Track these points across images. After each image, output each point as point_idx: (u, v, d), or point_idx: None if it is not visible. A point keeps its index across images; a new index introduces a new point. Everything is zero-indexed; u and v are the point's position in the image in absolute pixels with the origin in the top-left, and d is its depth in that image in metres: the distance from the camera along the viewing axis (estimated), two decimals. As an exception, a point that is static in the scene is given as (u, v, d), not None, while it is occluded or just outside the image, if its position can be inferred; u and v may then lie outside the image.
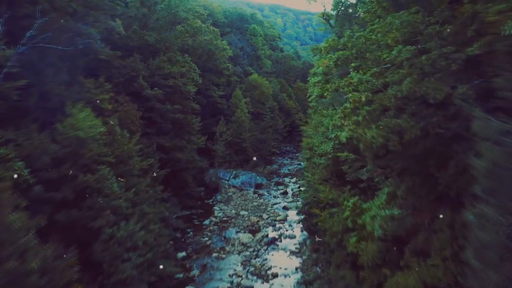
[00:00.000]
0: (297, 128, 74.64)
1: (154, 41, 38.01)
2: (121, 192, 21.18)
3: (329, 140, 28.47)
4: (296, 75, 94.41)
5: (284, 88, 79.07)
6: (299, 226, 35.04)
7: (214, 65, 54.23)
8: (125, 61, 34.16)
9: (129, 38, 36.72)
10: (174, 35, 40.72)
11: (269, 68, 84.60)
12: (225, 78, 56.96)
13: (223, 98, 55.94)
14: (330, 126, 24.40)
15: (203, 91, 52.11)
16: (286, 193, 46.22)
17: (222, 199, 42.14)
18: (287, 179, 53.22)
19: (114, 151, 22.46)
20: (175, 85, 37.16)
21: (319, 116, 37.66)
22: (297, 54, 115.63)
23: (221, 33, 76.09)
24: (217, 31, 55.77)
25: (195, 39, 51.45)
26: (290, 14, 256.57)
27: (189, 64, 41.44)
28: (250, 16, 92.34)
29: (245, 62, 71.83)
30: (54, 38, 26.22)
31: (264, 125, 59.94)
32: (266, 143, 57.59)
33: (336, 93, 22.16)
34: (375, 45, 15.03)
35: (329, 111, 33.13)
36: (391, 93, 11.82)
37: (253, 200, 42.26)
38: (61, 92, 24.60)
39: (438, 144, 13.82)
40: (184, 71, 39.21)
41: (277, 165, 61.11)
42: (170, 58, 39.82)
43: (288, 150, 72.69)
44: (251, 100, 60.64)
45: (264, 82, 65.58)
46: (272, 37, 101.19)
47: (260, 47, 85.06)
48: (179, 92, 38.02)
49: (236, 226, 35.46)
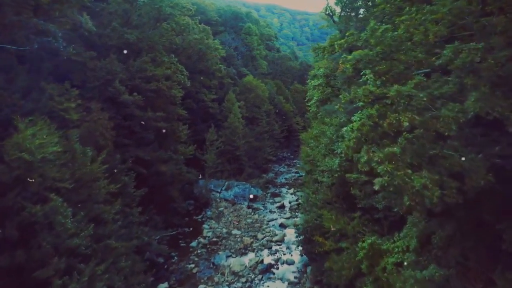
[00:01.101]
0: (294, 133, 70.74)
1: (135, 39, 33.75)
2: (79, 227, 17.01)
3: (334, 155, 24.43)
4: (293, 77, 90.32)
5: (280, 91, 74.96)
6: (298, 249, 30.99)
7: (205, 66, 50.04)
8: (101, 63, 30.02)
9: (108, 36, 32.57)
10: (158, 33, 36.49)
11: (265, 69, 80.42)
12: (217, 80, 52.80)
13: (215, 101, 51.77)
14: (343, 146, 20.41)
15: (193, 95, 47.99)
16: (283, 206, 42.16)
17: (212, 215, 37.96)
18: (284, 190, 49.14)
19: (74, 173, 18.29)
20: (158, 89, 32.96)
21: (321, 124, 33.60)
22: (294, 54, 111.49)
23: (214, 32, 71.92)
24: (208, 29, 51.58)
25: (184, 38, 47.35)
26: (287, 14, 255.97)
27: (176, 65, 37.27)
28: (245, 15, 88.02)
29: (239, 63, 67.60)
30: (6, 36, 22.11)
31: (260, 131, 55.79)
32: (262, 150, 53.45)
33: (349, 105, 18.02)
34: (409, 41, 10.96)
35: (333, 120, 29.10)
36: (449, 115, 7.68)
37: (246, 216, 38.12)
38: (15, 101, 20.55)
39: (499, 180, 9.78)
40: (169, 73, 35.00)
41: (273, 174, 57.00)
42: (155, 58, 35.68)
43: (285, 156, 68.60)
44: (245, 103, 56.49)
45: (259, 84, 61.44)
46: (268, 37, 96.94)
47: (256, 47, 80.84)
48: (164, 97, 33.81)
49: (227, 248, 31.32)
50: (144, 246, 26.48)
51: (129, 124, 30.13)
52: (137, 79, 31.86)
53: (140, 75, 32.34)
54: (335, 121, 28.13)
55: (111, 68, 29.99)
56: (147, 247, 27.10)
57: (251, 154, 50.55)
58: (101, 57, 30.29)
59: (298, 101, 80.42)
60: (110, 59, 30.39)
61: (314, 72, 46.15)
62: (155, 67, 33.89)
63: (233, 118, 47.24)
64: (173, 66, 36.95)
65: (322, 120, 35.13)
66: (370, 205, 19.02)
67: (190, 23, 43.19)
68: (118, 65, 30.43)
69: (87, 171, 18.78)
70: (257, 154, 51.85)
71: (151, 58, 34.21)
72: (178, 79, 37.08)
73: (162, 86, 33.16)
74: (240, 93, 58.12)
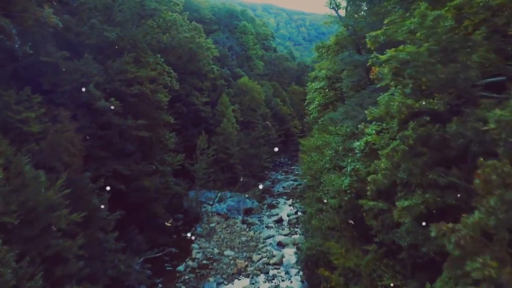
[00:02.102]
0: (292, 137, 67.32)
1: (115, 38, 30.09)
2: (27, 273, 13.40)
3: (342, 173, 20.92)
4: (290, 78, 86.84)
5: (277, 92, 71.43)
6: (299, 274, 27.55)
7: (196, 67, 46.41)
8: (74, 64, 26.39)
9: (85, 34, 28.90)
10: (142, 30, 32.84)
11: (261, 70, 76.86)
12: (210, 81, 49.16)
13: (208, 105, 48.14)
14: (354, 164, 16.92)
15: (183, 98, 44.34)
16: (281, 220, 38.63)
17: (203, 232, 34.35)
18: (281, 200, 45.63)
19: (24, 203, 14.66)
20: (141, 93, 29.35)
21: (323, 133, 30.11)
22: (292, 54, 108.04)
23: (208, 31, 68.37)
24: (200, 27, 47.92)
25: (173, 37, 43.75)
26: (283, 14, 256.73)
27: (162, 66, 33.68)
28: (240, 13, 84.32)
29: (234, 63, 63.96)
30: None
31: (255, 136, 52.22)
32: (258, 157, 49.87)
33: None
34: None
35: (338, 128, 25.60)
36: None
37: (241, 233, 34.55)
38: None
39: None
40: (155, 75, 31.37)
41: (270, 182, 53.44)
42: (139, 59, 32.09)
43: (282, 162, 65.09)
44: (240, 107, 52.92)
45: (255, 86, 57.88)
46: (264, 36, 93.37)
47: (251, 47, 77.21)
48: (147, 102, 30.20)
49: (218, 273, 27.74)
50: (122, 276, 22.89)
51: (106, 133, 26.45)
52: (116, 82, 28.22)
53: (120, 78, 28.72)
54: (342, 130, 24.67)
55: (86, 70, 26.37)
56: (126, 277, 23.49)
57: (246, 161, 46.97)
58: (79, 58, 26.70)
59: (295, 103, 77.03)
60: (85, 59, 26.78)
61: (314, 73, 42.71)
62: (138, 69, 30.27)
63: (226, 124, 43.65)
64: (159, 67, 33.38)
65: (325, 127, 31.65)
66: (391, 240, 15.53)
67: (178, 19, 39.45)
68: (94, 66, 26.76)
69: (42, 200, 15.14)
70: (253, 161, 48.28)
71: (133, 58, 30.59)
72: (165, 81, 33.49)
73: (146, 89, 29.54)
74: (235, 95, 54.58)
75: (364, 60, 20.18)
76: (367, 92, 21.50)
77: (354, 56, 20.11)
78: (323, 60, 34.12)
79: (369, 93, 21.25)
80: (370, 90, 21.25)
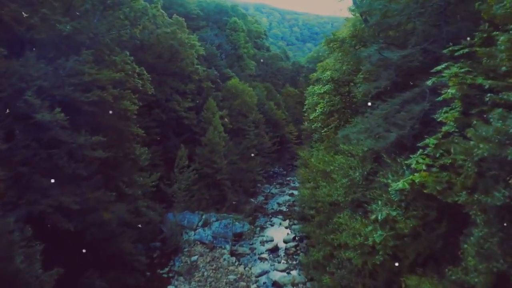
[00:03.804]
0: (287, 144, 61.55)
1: (71, 31, 23.91)
2: None
3: (367, 218, 15.03)
4: (285, 78, 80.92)
5: (271, 95, 65.40)
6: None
7: (179, 67, 40.27)
8: (12, 63, 20.39)
9: (34, 28, 22.86)
10: (107, 22, 26.68)
11: (252, 71, 70.74)
12: (194, 84, 43.00)
13: (192, 110, 42.04)
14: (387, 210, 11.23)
15: (163, 103, 38.23)
16: (277, 249, 32.72)
17: (181, 268, 28.28)
18: (276, 220, 39.68)
19: None
20: (102, 100, 23.19)
21: (331, 150, 24.24)
22: (286, 53, 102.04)
23: (195, 28, 62.36)
24: (181, 20, 41.65)
25: (152, 32, 37.67)
26: (276, 14, 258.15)
27: (132, 66, 27.56)
28: (230, 8, 77.97)
29: (223, 63, 57.69)
30: None
31: (247, 145, 46.22)
32: (249, 170, 43.84)
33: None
34: None
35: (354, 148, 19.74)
36: None
37: (228, 268, 28.59)
38: None
39: None
40: (121, 78, 25.24)
41: (263, 197, 47.44)
42: (101, 57, 26.03)
43: (276, 172, 59.09)
44: (229, 112, 46.88)
45: (246, 88, 51.82)
46: (257, 34, 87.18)
47: (242, 45, 71.04)
48: (110, 111, 24.01)
49: (198, 330, 21.73)
50: None
51: (51, 154, 20.26)
52: (68, 87, 22.01)
53: (74, 81, 22.50)
54: (358, 150, 18.83)
55: (26, 72, 20.27)
56: None
57: (236, 176, 40.89)
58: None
59: (290, 106, 71.38)
60: (24, 58, 20.68)
61: (316, 75, 36.74)
62: (98, 70, 24.14)
63: (212, 133, 37.54)
64: (128, 67, 27.23)
65: (333, 142, 25.76)
66: None
67: (148, 7, 33.24)
68: (36, 67, 20.62)
69: None
70: (243, 175, 42.20)
71: (94, 56, 24.45)
72: (135, 84, 27.40)
73: (108, 96, 23.39)
74: (223, 99, 48.51)
75: (397, 59, 14.33)
76: (395, 102, 15.63)
77: (383, 53, 14.30)
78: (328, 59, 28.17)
79: (399, 103, 15.39)
80: (400, 100, 15.38)
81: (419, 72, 14.97)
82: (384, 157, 14.29)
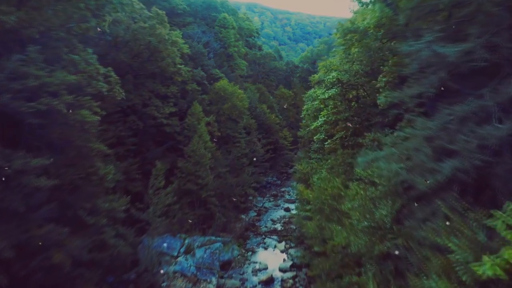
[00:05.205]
0: (281, 151, 56.84)
1: (16, 23, 18.91)
2: None
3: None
4: (278, 79, 76.18)
5: (264, 97, 60.62)
6: None
7: (159, 67, 35.30)
8: None
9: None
10: (63, 13, 21.66)
11: (244, 71, 65.88)
12: (177, 86, 38.07)
13: (175, 116, 37.11)
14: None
15: (139, 109, 33.27)
16: (272, 280, 28.02)
17: (158, 311, 23.41)
18: (271, 242, 34.96)
19: None
20: (52, 110, 18.23)
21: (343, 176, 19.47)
22: (279, 53, 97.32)
23: (181, 24, 57.42)
24: (162, 13, 36.58)
25: (128, 27, 32.76)
26: (268, 13, 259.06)
27: (95, 66, 22.61)
28: (220, 4, 72.93)
29: (211, 63, 52.72)
30: None
31: (237, 154, 41.44)
32: (240, 184, 39.00)
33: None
34: None
35: (372, 173, 15.09)
36: None
37: (214, 310, 23.79)
38: None
39: None
40: (78, 81, 20.29)
41: (255, 212, 42.70)
42: (57, 55, 21.09)
43: (269, 182, 54.26)
44: (217, 117, 42.06)
45: (236, 90, 46.90)
46: (248, 32, 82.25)
47: (233, 43, 66.11)
48: (62, 124, 19.05)
49: None
50: None
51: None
52: (5, 95, 17.01)
53: (15, 87, 17.53)
54: (382, 177, 14.11)
55: None
56: None
57: (224, 191, 36.00)
58: None
59: (284, 109, 66.62)
60: None
61: (318, 76, 31.98)
62: (50, 71, 19.18)
63: (197, 143, 32.59)
64: (91, 68, 22.27)
65: (341, 159, 21.04)
66: None
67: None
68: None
69: None
70: (233, 190, 37.31)
71: (44, 55, 19.48)
72: (100, 89, 22.46)
73: (59, 105, 18.42)
74: (211, 103, 43.65)
75: (454, 55, 9.65)
76: (443, 116, 10.83)
77: (434, 48, 9.64)
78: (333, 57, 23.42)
79: (452, 119, 10.61)
80: (455, 114, 10.56)
81: (480, 74, 10.38)
82: (440, 205, 9.59)
